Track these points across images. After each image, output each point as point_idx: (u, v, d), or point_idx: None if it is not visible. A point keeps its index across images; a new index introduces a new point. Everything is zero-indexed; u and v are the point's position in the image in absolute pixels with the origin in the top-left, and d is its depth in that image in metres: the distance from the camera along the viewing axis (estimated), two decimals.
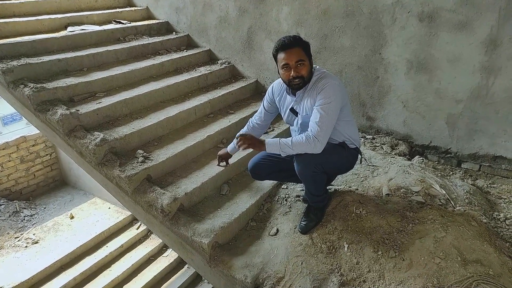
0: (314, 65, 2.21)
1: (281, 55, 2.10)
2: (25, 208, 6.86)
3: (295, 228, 2.42)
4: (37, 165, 7.46)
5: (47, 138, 7.24)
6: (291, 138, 2.11)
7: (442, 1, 2.85)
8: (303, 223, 2.39)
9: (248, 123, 2.59)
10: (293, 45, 2.07)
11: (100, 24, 4.16)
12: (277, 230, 2.46)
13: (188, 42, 4.44)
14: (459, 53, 2.90)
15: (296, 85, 2.13)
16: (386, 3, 3.07)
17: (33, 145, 7.24)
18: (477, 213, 2.39)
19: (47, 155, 7.55)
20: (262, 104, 2.52)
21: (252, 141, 2.19)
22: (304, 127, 2.19)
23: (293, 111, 2.28)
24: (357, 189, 2.68)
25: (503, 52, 2.74)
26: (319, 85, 2.11)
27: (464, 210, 2.38)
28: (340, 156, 2.27)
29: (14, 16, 3.78)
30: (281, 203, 2.70)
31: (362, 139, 3.45)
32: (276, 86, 2.42)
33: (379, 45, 3.22)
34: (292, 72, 2.08)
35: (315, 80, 2.15)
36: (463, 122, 3.06)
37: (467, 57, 2.88)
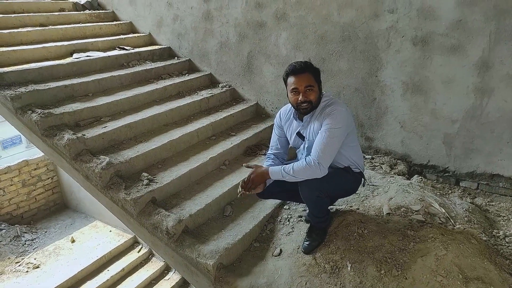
0: (322, 91, 2.26)
1: (291, 79, 2.14)
2: (26, 233, 6.85)
3: (298, 248, 2.45)
4: (38, 189, 7.48)
5: (49, 161, 7.30)
6: (292, 165, 2.11)
7: (434, 26, 2.97)
8: (306, 243, 2.42)
9: (266, 158, 2.50)
10: (304, 70, 2.12)
11: (104, 50, 4.29)
12: (281, 250, 2.49)
13: (189, 67, 4.56)
14: (452, 75, 3.01)
15: (304, 109, 2.17)
16: (381, 28, 3.20)
17: (35, 169, 7.29)
18: (476, 231, 2.43)
19: (48, 178, 7.59)
20: (273, 133, 2.52)
21: (257, 177, 2.16)
22: (310, 150, 2.21)
23: (300, 136, 2.31)
24: (358, 209, 2.72)
25: (495, 73, 2.85)
26: (326, 111, 2.15)
27: (464, 228, 2.43)
28: (345, 180, 2.32)
29: (22, 44, 3.90)
30: (283, 224, 2.73)
31: None
32: (283, 112, 2.45)
33: (375, 68, 3.33)
34: (301, 97, 2.12)
35: (323, 106, 2.19)
36: (459, 142, 3.14)
37: (460, 78, 2.98)
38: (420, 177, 3.21)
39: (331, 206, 2.72)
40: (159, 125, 3.39)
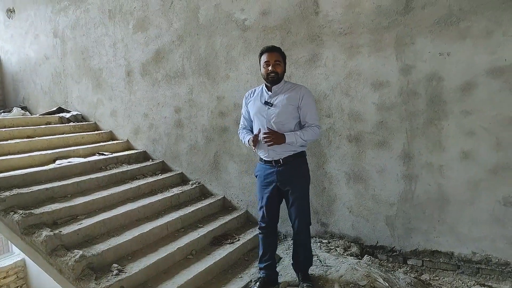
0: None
1: (264, 56, 2.87)
2: None
3: None
4: None
5: (20, 269, 7.17)
6: (301, 132, 2.82)
7: (363, 126, 3.63)
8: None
9: (241, 132, 3.20)
10: (274, 50, 2.87)
11: (85, 156, 4.73)
12: None
13: (162, 167, 5.03)
14: (384, 165, 3.57)
15: (272, 78, 2.84)
16: (322, 129, 3.83)
17: (5, 277, 7.06)
18: None
19: (17, 287, 7.31)
20: (242, 115, 3.21)
21: (277, 136, 2.79)
22: (280, 116, 2.84)
23: (268, 103, 2.89)
24: None
25: (417, 163, 3.43)
26: (290, 86, 2.93)
27: None
28: (307, 178, 3.02)
29: (10, 153, 4.30)
30: None
31: (319, 243, 3.84)
32: (249, 93, 3.13)
33: (321, 162, 3.88)
34: (270, 67, 2.82)
35: (290, 86, 2.94)
36: (399, 222, 3.57)
37: (390, 168, 3.54)
38: (369, 257, 3.52)
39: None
40: (131, 220, 3.70)
